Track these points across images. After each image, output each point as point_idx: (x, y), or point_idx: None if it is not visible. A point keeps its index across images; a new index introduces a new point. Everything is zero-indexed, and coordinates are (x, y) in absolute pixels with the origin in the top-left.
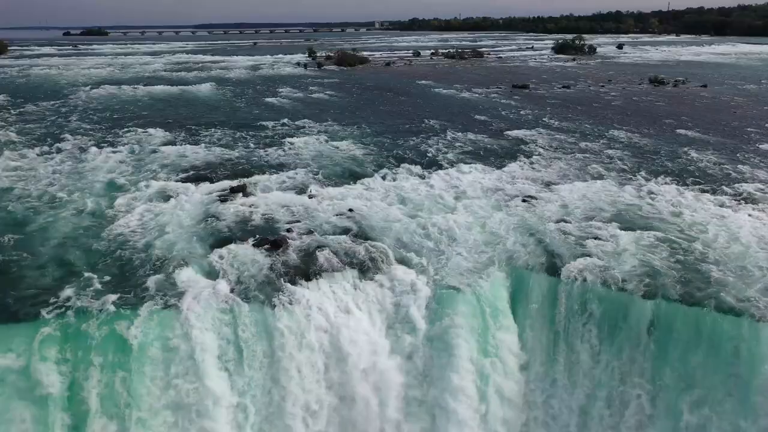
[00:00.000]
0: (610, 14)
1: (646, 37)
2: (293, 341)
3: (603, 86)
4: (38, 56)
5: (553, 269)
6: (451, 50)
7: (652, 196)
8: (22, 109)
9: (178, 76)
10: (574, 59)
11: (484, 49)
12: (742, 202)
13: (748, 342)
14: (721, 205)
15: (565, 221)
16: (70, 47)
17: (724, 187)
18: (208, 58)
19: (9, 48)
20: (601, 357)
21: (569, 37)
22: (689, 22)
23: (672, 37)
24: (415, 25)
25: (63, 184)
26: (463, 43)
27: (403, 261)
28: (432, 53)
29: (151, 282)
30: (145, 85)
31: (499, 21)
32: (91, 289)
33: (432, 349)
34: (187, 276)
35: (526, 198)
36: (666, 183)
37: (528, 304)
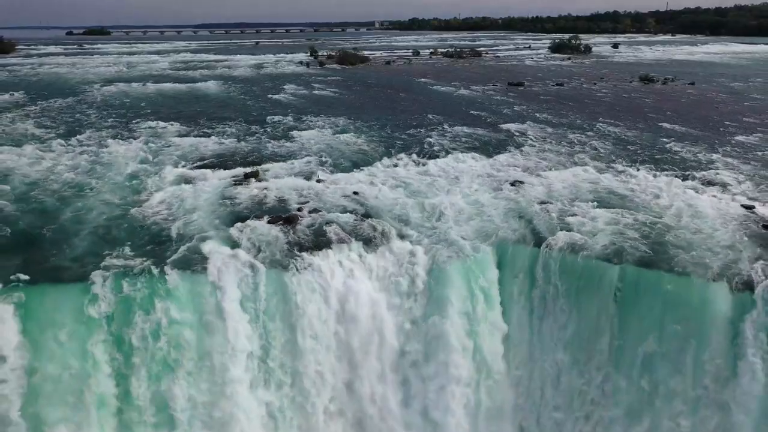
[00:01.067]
0: (608, 14)
1: (642, 37)
2: (306, 297)
3: (595, 84)
4: (46, 55)
5: (535, 241)
6: (450, 49)
7: (628, 180)
8: (40, 105)
9: (185, 75)
10: (569, 58)
11: (482, 49)
12: (708, 185)
13: (699, 299)
14: (690, 188)
15: (549, 202)
16: (76, 46)
17: (694, 173)
18: (212, 57)
19: (16, 47)
20: (573, 314)
21: (565, 36)
22: (686, 22)
23: (668, 37)
24: (414, 25)
25: (90, 171)
26: (462, 42)
27: (402, 235)
28: (431, 52)
29: (182, 249)
30: (153, 83)
31: (498, 21)
32: (130, 254)
33: (427, 307)
34: (212, 245)
35: (514, 182)
36: (643, 169)
37: (512, 270)
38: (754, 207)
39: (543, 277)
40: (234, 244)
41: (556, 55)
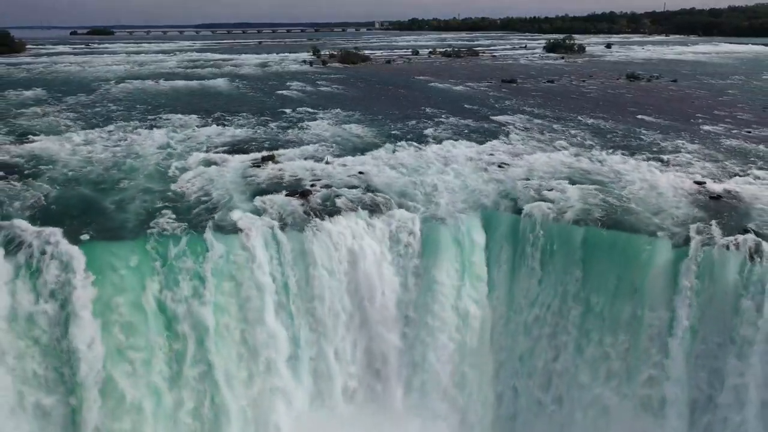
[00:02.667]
0: (605, 15)
1: (636, 37)
2: (321, 255)
3: (584, 81)
4: (56, 54)
5: (515, 210)
6: (448, 49)
7: (601, 162)
8: (62, 101)
9: (194, 73)
10: (563, 57)
11: (479, 48)
12: (670, 166)
13: (648, 252)
14: (653, 168)
15: (529, 179)
16: (83, 46)
17: (659, 156)
18: (218, 56)
19: (26, 46)
20: (547, 266)
21: (560, 37)
22: (680, 23)
23: (661, 38)
24: (414, 25)
25: (124, 156)
26: (460, 42)
27: (401, 205)
28: (430, 52)
29: (214, 215)
30: (165, 81)
31: (497, 21)
32: (170, 219)
33: (423, 261)
34: (239, 212)
35: (501, 164)
36: (615, 154)
37: (496, 232)
38: (705, 183)
39: (522, 238)
40: (258, 212)
41: (551, 54)
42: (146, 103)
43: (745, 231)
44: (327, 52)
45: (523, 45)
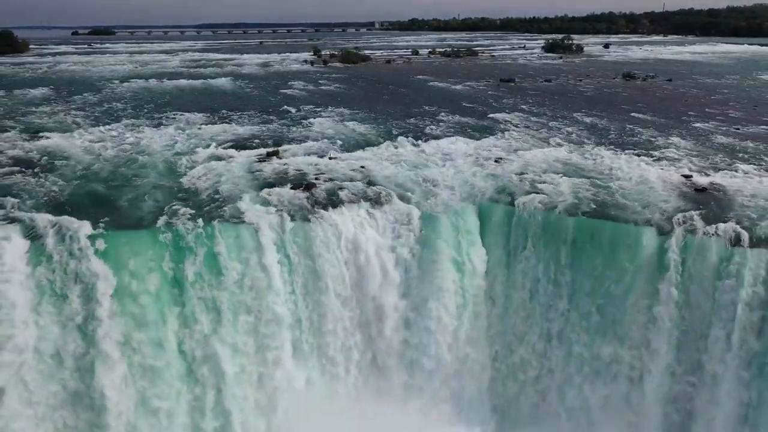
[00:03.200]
0: (604, 15)
1: (634, 38)
2: (325, 243)
3: (581, 80)
4: (59, 54)
5: (510, 201)
6: (448, 49)
7: (593, 157)
8: (70, 99)
9: (197, 72)
10: (561, 57)
11: (478, 48)
12: (659, 160)
13: (633, 240)
14: (643, 163)
15: (524, 173)
16: (85, 46)
17: (650, 152)
18: (220, 56)
19: (30, 46)
20: (539, 256)
21: (558, 37)
22: (679, 23)
23: (660, 38)
24: (414, 26)
25: (135, 151)
26: (460, 42)
27: (402, 198)
28: (429, 52)
29: (223, 206)
30: (169, 80)
31: (497, 22)
32: (183, 211)
33: (422, 250)
34: (247, 203)
35: (497, 159)
36: (607, 149)
37: (491, 222)
38: (692, 176)
39: (515, 228)
40: (265, 203)
41: (549, 54)
42: (152, 102)
43: (726, 220)
44: (328, 52)
45: (522, 45)
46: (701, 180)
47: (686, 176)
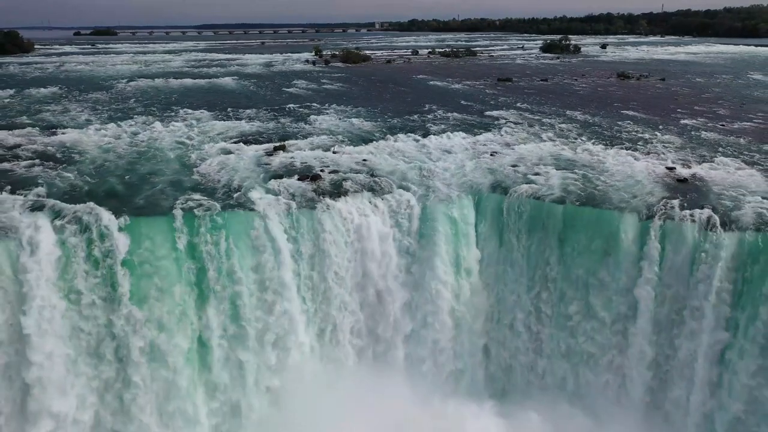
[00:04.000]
0: (602, 16)
1: (631, 38)
2: (330, 228)
3: (576, 80)
4: (64, 54)
5: (503, 191)
6: (447, 49)
7: (584, 151)
8: (80, 97)
9: (201, 72)
10: (558, 58)
11: (477, 49)
12: (646, 154)
13: (615, 226)
14: (630, 156)
15: (517, 165)
16: (89, 46)
17: (638, 146)
18: (222, 56)
19: (35, 46)
20: (531, 239)
21: (556, 37)
22: (676, 24)
23: (657, 38)
24: (414, 26)
25: (148, 145)
26: (459, 42)
27: (402, 188)
28: (429, 52)
29: (235, 195)
30: (175, 79)
31: (496, 22)
32: (196, 198)
33: (421, 235)
34: (257, 192)
35: (492, 153)
36: (597, 144)
37: (486, 209)
38: (675, 168)
39: (508, 215)
40: (274, 192)
41: (547, 54)
42: (159, 100)
43: (703, 207)
44: (329, 52)
45: (521, 46)
46: (683, 172)
47: (670, 168)
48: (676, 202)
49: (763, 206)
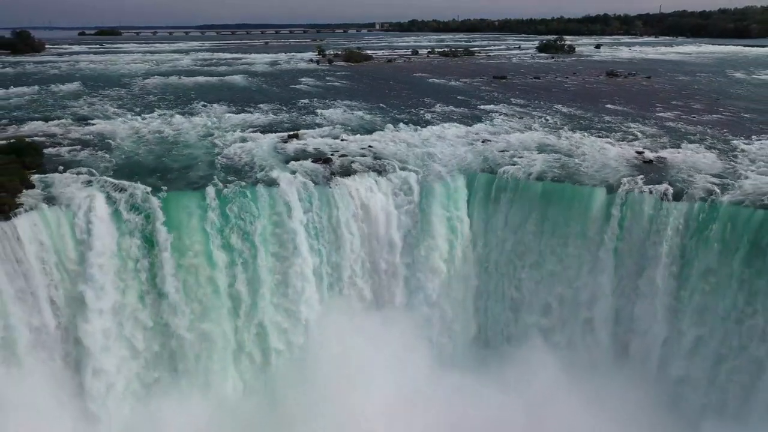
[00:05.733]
0: (599, 17)
1: (626, 39)
2: (341, 202)
3: (567, 77)
4: (75, 53)
5: (492, 171)
6: (446, 49)
7: (565, 139)
8: (102, 93)
9: (211, 70)
10: (552, 57)
11: (475, 49)
12: (619, 140)
13: (586, 198)
14: (606, 142)
15: (506, 150)
16: (97, 46)
17: (614, 134)
18: (229, 55)
19: (46, 46)
20: (513, 210)
21: (552, 38)
22: (671, 25)
23: (651, 39)
24: (414, 27)
25: (174, 135)
26: (458, 43)
27: (403, 169)
28: (428, 52)
29: (257, 174)
30: (187, 77)
31: (495, 23)
32: (223, 177)
33: (419, 208)
34: (277, 172)
35: (484, 140)
36: (578, 132)
37: (477, 188)
38: (644, 152)
39: (496, 192)
40: (292, 172)
41: (542, 54)
42: (176, 96)
43: (661, 182)
44: (332, 52)
45: (518, 46)
46: (650, 155)
47: (639, 152)
48: (639, 179)
49: (712, 182)
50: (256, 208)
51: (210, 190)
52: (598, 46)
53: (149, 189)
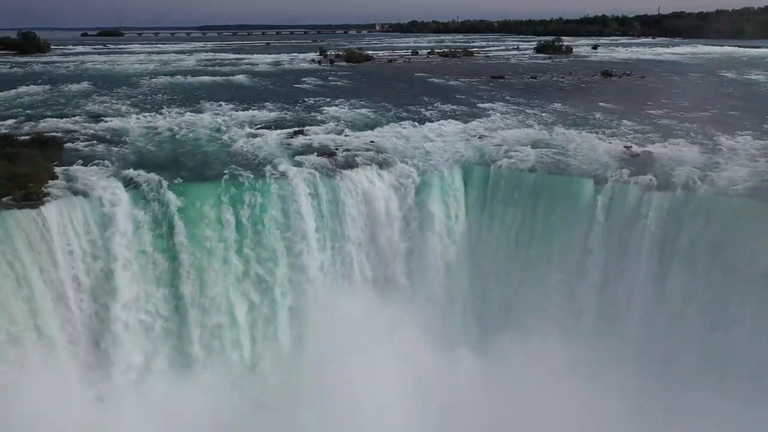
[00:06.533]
0: (597, 18)
1: (623, 40)
2: (346, 192)
3: (564, 77)
4: (81, 54)
5: (487, 165)
6: (446, 50)
7: (558, 135)
8: (111, 92)
9: (215, 70)
10: (550, 58)
11: (474, 49)
12: (609, 136)
13: (575, 189)
14: (596, 137)
15: (501, 145)
16: (101, 46)
17: (604, 130)
18: (231, 56)
19: (51, 47)
20: (507, 204)
21: (550, 38)
22: (669, 26)
23: (648, 40)
24: (414, 28)
25: (185, 131)
26: (457, 43)
27: (403, 162)
28: (428, 52)
29: (266, 167)
30: (192, 77)
31: (494, 24)
32: (235, 169)
33: (418, 198)
34: (285, 165)
35: (480, 136)
36: (570, 129)
37: (473, 180)
38: (631, 146)
39: (491, 184)
40: (299, 164)
41: (540, 55)
42: (184, 94)
43: (646, 174)
44: (333, 52)
45: (516, 47)
46: (637, 149)
47: (626, 147)
48: (625, 171)
49: (693, 173)
50: (266, 198)
51: (223, 181)
52: (595, 47)
53: (166, 181)
